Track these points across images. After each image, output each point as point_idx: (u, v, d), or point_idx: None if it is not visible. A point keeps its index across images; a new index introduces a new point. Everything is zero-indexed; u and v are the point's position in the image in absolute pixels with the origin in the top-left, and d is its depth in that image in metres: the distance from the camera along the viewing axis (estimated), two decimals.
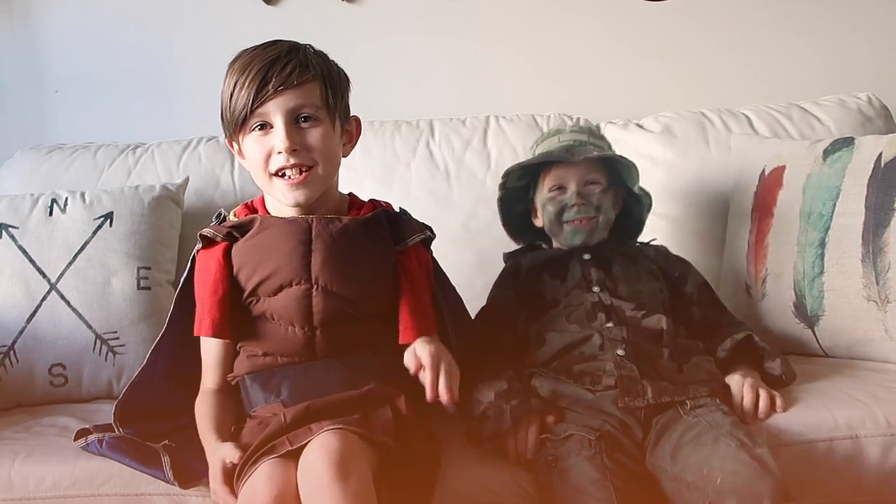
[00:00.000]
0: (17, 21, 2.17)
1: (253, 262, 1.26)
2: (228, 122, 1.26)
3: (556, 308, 1.46)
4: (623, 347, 1.36)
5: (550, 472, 1.23)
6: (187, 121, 2.06)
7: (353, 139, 1.36)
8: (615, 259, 1.52)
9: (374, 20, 2.16)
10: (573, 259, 1.52)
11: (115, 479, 1.25)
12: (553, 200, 1.53)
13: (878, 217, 1.51)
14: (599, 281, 1.47)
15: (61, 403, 1.60)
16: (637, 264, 1.53)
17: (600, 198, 1.53)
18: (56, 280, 1.62)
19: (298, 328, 1.25)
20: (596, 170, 1.54)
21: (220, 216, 1.35)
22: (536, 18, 2.16)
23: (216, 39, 2.13)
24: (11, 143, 2.07)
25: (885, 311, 1.49)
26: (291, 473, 1.09)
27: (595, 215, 1.52)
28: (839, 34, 2.17)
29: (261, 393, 1.26)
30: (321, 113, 1.25)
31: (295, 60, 1.23)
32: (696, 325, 1.49)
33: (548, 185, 1.55)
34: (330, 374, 1.25)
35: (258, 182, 1.29)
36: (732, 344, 1.41)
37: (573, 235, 1.53)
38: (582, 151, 1.54)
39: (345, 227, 1.26)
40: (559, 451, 1.24)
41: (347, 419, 1.13)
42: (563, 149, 1.56)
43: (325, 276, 1.24)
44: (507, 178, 1.57)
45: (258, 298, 1.26)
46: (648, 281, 1.51)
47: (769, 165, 1.70)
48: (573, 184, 1.52)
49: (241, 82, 1.23)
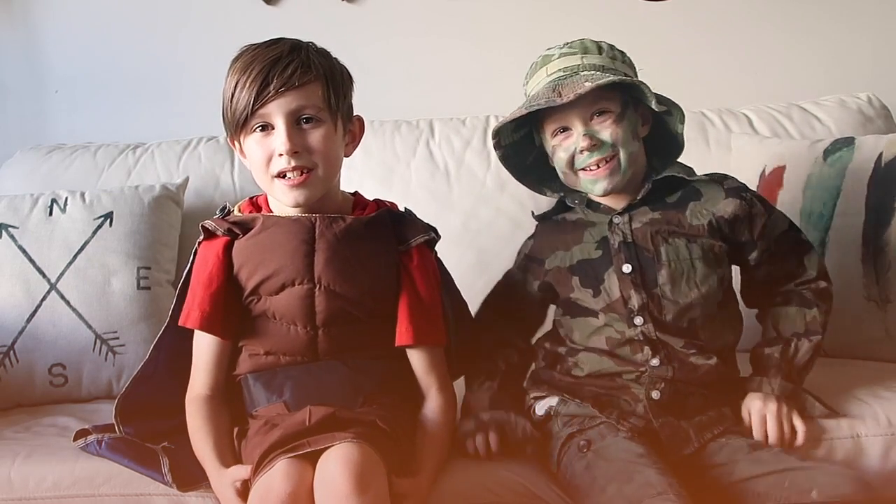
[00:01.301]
0: (17, 21, 2.17)
1: (255, 260, 1.25)
2: (229, 122, 1.25)
3: (595, 319, 1.29)
4: (661, 388, 1.24)
5: (583, 459, 1.18)
6: (187, 121, 2.06)
7: (357, 139, 1.34)
8: (660, 242, 1.28)
9: (375, 20, 2.16)
10: (609, 270, 1.29)
11: (114, 480, 1.25)
12: (560, 147, 1.31)
13: (878, 217, 1.52)
14: (642, 308, 1.26)
15: (61, 403, 1.59)
16: (690, 244, 1.28)
17: (614, 130, 1.27)
18: (56, 280, 1.62)
19: (301, 327, 1.24)
20: (601, 97, 1.27)
21: (224, 209, 1.33)
22: (536, 18, 2.16)
23: (216, 39, 2.12)
24: (11, 143, 2.07)
25: (885, 311, 1.49)
26: (308, 473, 1.09)
27: (613, 153, 1.28)
28: (839, 34, 2.17)
29: (263, 393, 1.26)
30: (323, 114, 1.24)
31: (297, 61, 1.22)
32: (755, 287, 1.35)
33: (549, 131, 1.32)
34: (332, 376, 1.25)
35: (260, 183, 1.28)
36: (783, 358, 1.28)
37: (592, 185, 1.30)
38: (571, 85, 1.25)
39: (348, 226, 1.26)
40: (590, 435, 1.20)
41: (369, 432, 1.13)
42: (549, 86, 1.27)
43: (328, 275, 1.23)
44: (499, 136, 1.35)
45: (259, 297, 1.25)
46: (703, 276, 1.27)
47: (769, 165, 1.70)
48: (577, 122, 1.28)
49: (242, 82, 1.22)
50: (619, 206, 1.33)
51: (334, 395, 1.23)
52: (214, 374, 1.28)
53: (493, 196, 1.83)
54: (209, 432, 1.23)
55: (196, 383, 1.28)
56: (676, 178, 1.32)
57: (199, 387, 1.28)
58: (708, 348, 1.27)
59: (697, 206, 1.30)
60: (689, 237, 1.28)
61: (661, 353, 1.25)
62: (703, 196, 1.31)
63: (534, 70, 1.34)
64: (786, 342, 1.30)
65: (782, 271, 1.34)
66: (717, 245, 1.29)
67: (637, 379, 1.26)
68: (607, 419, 1.23)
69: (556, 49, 1.33)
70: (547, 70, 1.31)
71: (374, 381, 1.26)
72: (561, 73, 1.28)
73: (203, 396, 1.27)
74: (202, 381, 1.28)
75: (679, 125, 1.31)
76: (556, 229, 1.38)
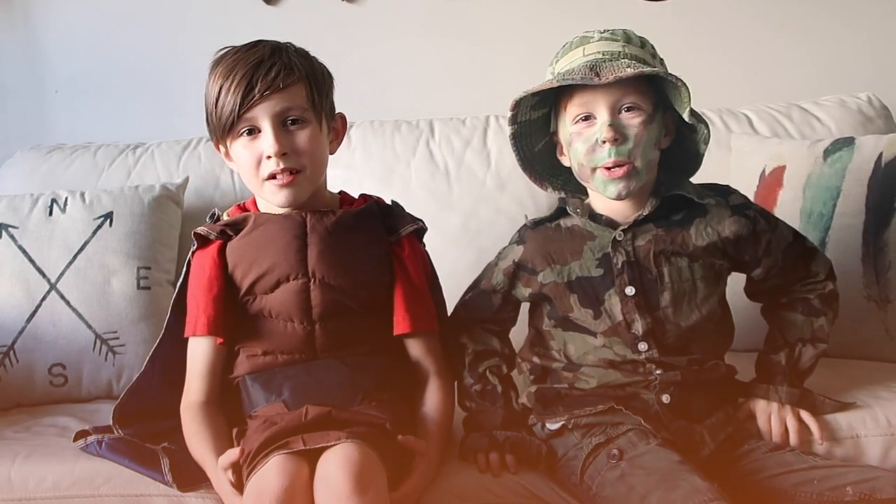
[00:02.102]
0: (17, 21, 2.17)
1: (248, 259, 1.26)
2: (215, 126, 1.26)
3: (593, 339, 1.26)
4: (670, 391, 1.22)
5: (616, 469, 1.15)
6: (187, 121, 2.04)
7: (340, 136, 1.35)
8: (663, 263, 1.24)
9: (375, 20, 2.16)
10: (610, 291, 1.24)
11: (114, 480, 1.25)
12: (580, 136, 1.21)
13: (878, 217, 1.52)
14: (647, 333, 1.22)
15: (61, 403, 1.60)
16: (693, 263, 1.25)
17: (641, 131, 1.18)
18: (56, 280, 1.62)
19: (297, 323, 1.25)
20: (635, 90, 1.18)
21: (213, 216, 1.34)
22: (536, 18, 2.15)
23: (216, 39, 2.09)
24: (11, 143, 2.07)
25: (886, 310, 1.49)
26: (303, 469, 1.09)
27: (630, 159, 1.19)
28: (839, 34, 2.17)
29: (262, 393, 1.26)
30: (308, 114, 1.25)
31: (279, 63, 1.23)
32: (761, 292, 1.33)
33: (571, 115, 1.22)
34: (331, 374, 1.25)
35: (249, 185, 1.30)
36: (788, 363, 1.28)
37: (605, 186, 1.21)
38: (612, 68, 1.15)
39: (339, 219, 1.27)
40: (620, 444, 1.17)
41: (367, 432, 1.13)
42: (586, 64, 1.17)
43: (322, 268, 1.24)
44: (518, 108, 1.23)
45: (255, 296, 1.26)
46: (704, 297, 1.25)
47: (769, 165, 1.70)
48: (604, 111, 1.18)
49: (226, 87, 1.22)
50: (621, 217, 1.27)
51: (333, 394, 1.23)
52: (209, 381, 1.28)
53: (493, 196, 1.83)
54: (207, 435, 1.23)
55: (191, 390, 1.28)
56: (685, 197, 1.26)
57: (195, 393, 1.28)
58: (706, 360, 1.26)
59: (702, 223, 1.26)
60: (691, 257, 1.25)
61: (667, 366, 1.23)
62: (709, 214, 1.26)
63: (567, 49, 1.25)
64: (791, 347, 1.29)
65: (790, 280, 1.32)
66: (719, 263, 1.27)
67: (647, 386, 1.23)
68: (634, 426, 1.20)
69: (595, 32, 1.24)
70: (584, 51, 1.21)
71: (372, 379, 1.26)
72: (600, 56, 1.19)
73: (198, 403, 1.27)
74: (197, 387, 1.28)
75: (703, 144, 1.24)
76: (550, 237, 1.30)
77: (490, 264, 1.37)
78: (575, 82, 1.17)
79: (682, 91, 1.17)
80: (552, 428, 1.27)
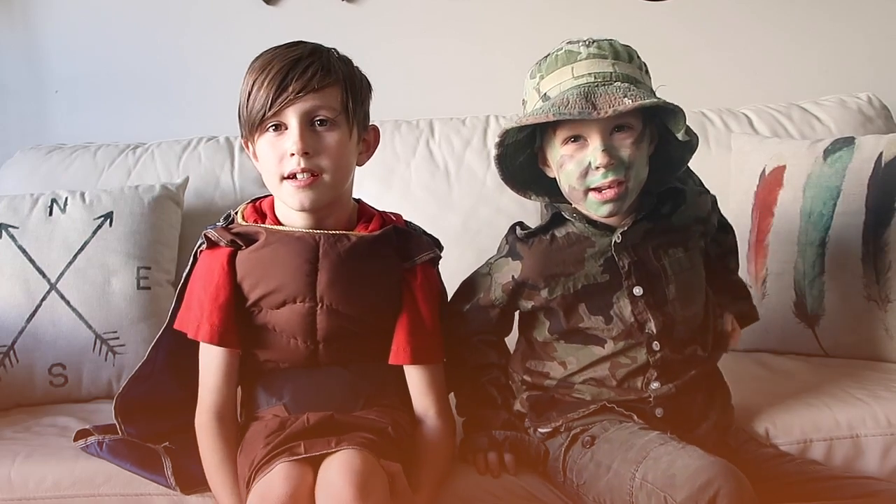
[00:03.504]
0: (17, 21, 2.17)
1: (256, 275, 1.22)
2: (245, 122, 1.22)
3: (600, 348, 1.24)
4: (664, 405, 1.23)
5: (588, 453, 1.17)
6: (187, 121, 2.06)
7: (371, 148, 1.30)
8: (662, 256, 1.24)
9: (375, 20, 2.16)
10: (618, 293, 1.23)
11: (114, 480, 1.25)
12: (572, 159, 1.19)
13: (878, 217, 1.52)
14: (660, 331, 1.22)
15: (61, 403, 1.59)
16: (687, 251, 1.26)
17: (633, 151, 1.18)
18: (56, 280, 1.62)
19: (301, 342, 1.23)
20: (627, 112, 1.15)
21: (227, 217, 1.29)
22: (536, 18, 2.15)
23: (216, 39, 2.13)
24: (11, 143, 2.07)
25: (886, 310, 1.49)
26: (307, 476, 1.09)
27: (625, 177, 1.18)
28: (838, 34, 2.17)
29: (263, 395, 1.26)
30: (339, 118, 1.21)
31: (317, 63, 1.19)
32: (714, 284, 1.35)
33: (561, 137, 1.20)
34: (333, 380, 1.25)
35: (269, 185, 1.25)
36: None
37: (598, 207, 1.20)
38: (608, 97, 1.13)
39: (353, 245, 1.22)
40: (594, 431, 1.19)
41: (369, 438, 1.13)
42: (581, 93, 1.14)
43: (331, 296, 1.21)
44: (506, 136, 1.22)
45: (261, 310, 1.23)
46: (701, 281, 1.28)
47: (769, 165, 1.70)
48: (597, 136, 1.17)
49: (259, 82, 1.19)
50: (616, 220, 1.24)
51: (334, 399, 1.23)
52: (224, 392, 1.23)
53: (493, 196, 1.83)
54: (227, 470, 1.19)
55: (206, 403, 1.23)
56: (674, 189, 1.27)
57: (211, 407, 1.23)
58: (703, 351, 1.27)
59: (685, 209, 1.27)
60: (683, 245, 1.26)
61: (669, 375, 1.23)
62: (689, 198, 1.28)
63: (553, 65, 1.20)
64: None
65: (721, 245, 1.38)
66: (702, 245, 1.30)
67: (641, 401, 1.23)
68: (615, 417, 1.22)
69: (581, 46, 1.19)
70: (574, 71, 1.18)
71: (374, 385, 1.25)
72: (591, 79, 1.16)
73: (215, 418, 1.22)
74: (212, 400, 1.23)
75: (688, 154, 1.24)
76: (548, 252, 1.26)
77: (481, 273, 1.32)
78: (573, 117, 1.14)
79: (677, 115, 1.16)
80: (544, 431, 1.27)
